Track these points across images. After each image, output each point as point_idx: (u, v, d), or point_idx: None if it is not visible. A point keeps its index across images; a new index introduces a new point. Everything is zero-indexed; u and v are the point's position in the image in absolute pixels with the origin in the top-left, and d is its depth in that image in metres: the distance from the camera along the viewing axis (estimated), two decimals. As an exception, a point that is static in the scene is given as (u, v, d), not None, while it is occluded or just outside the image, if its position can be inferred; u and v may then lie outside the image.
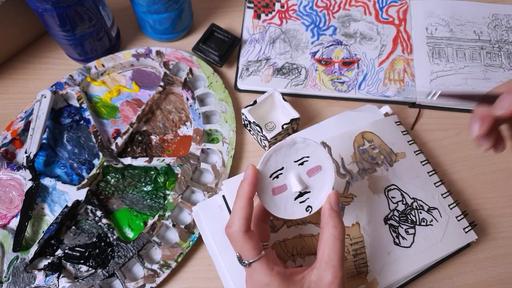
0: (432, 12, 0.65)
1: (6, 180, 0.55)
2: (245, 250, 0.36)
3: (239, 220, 0.36)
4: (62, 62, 0.64)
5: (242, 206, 0.36)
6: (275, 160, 0.38)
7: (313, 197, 0.39)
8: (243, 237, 0.36)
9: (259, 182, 0.37)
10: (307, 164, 0.39)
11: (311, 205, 0.39)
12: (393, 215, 0.48)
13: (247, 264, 0.36)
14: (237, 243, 0.36)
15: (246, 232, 0.36)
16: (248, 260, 0.36)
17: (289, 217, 0.39)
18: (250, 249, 0.36)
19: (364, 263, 0.46)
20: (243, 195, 0.36)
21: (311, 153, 0.39)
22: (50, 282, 0.49)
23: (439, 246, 0.47)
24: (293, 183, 0.39)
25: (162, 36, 0.63)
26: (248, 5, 0.67)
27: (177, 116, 0.59)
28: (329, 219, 0.37)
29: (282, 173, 0.39)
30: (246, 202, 0.36)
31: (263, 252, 0.36)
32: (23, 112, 0.58)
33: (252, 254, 0.36)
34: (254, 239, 0.36)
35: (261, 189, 0.38)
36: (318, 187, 0.39)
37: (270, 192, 0.38)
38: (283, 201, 0.39)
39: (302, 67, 0.61)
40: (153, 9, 0.58)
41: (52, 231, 0.51)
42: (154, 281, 0.48)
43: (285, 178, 0.39)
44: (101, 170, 0.55)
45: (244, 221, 0.36)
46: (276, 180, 0.38)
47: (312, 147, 0.39)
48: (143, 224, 0.53)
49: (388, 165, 0.51)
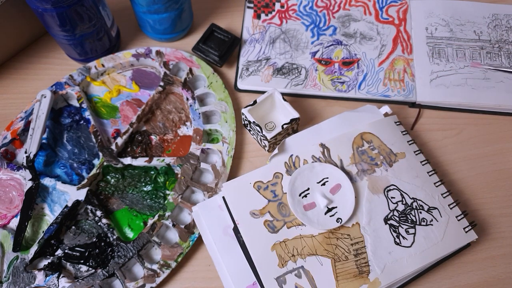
0: (432, 12, 0.65)
1: (6, 180, 0.55)
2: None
3: None
4: (62, 62, 0.64)
5: None
6: (300, 181, 0.48)
7: (340, 210, 0.47)
8: None
9: (291, 200, 0.47)
10: (328, 184, 0.48)
11: (341, 217, 0.47)
12: (393, 215, 0.48)
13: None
14: None
15: None
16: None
17: (323, 228, 0.46)
18: None
19: (365, 263, 0.46)
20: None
21: (329, 174, 0.49)
22: (50, 282, 0.49)
23: (439, 246, 0.47)
24: (320, 200, 0.47)
25: (162, 36, 0.63)
26: (248, 5, 0.67)
27: (177, 116, 0.59)
28: None
29: (309, 193, 0.48)
30: None
31: None
32: (23, 112, 0.58)
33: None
34: None
35: (293, 206, 0.47)
36: (343, 201, 0.47)
37: (302, 209, 0.47)
38: (315, 216, 0.47)
39: (302, 67, 0.61)
40: (153, 9, 0.57)
41: (52, 231, 0.51)
42: (154, 281, 0.48)
43: (313, 197, 0.48)
44: (101, 170, 0.55)
45: None
46: (305, 199, 0.47)
47: (329, 169, 0.49)
48: (143, 224, 0.53)
49: (387, 165, 0.51)
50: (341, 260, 0.46)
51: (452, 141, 0.58)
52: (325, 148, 0.51)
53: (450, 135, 0.58)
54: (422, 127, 0.59)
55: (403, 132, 0.54)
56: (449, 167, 0.56)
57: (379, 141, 0.53)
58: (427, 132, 0.58)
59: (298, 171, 0.48)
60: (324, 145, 0.52)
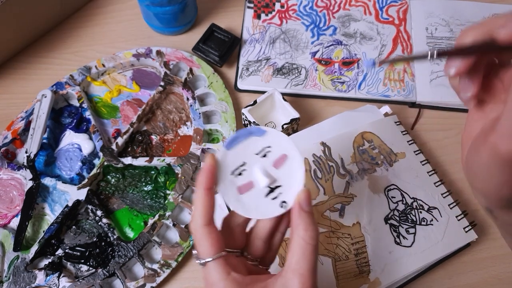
0: (432, 12, 0.65)
1: (6, 180, 0.55)
2: (202, 246, 0.32)
3: (198, 212, 0.32)
4: (62, 62, 0.64)
5: (199, 197, 0.32)
6: (234, 154, 0.34)
7: (286, 191, 0.34)
8: (201, 231, 0.32)
9: (220, 181, 0.33)
10: (270, 155, 0.34)
11: (286, 200, 0.34)
12: (394, 214, 0.49)
13: (203, 263, 0.32)
14: (195, 237, 0.32)
15: (206, 226, 0.32)
16: (204, 259, 0.32)
17: (263, 216, 0.34)
18: (208, 246, 0.31)
19: (366, 263, 0.46)
20: (200, 185, 0.32)
21: (271, 142, 0.34)
22: (51, 282, 0.49)
23: (439, 246, 0.47)
24: (260, 178, 0.34)
25: (165, 29, 0.64)
26: (248, 5, 0.67)
27: (178, 116, 0.59)
28: (299, 221, 0.32)
29: (246, 168, 0.34)
30: (203, 193, 0.32)
31: (223, 253, 0.32)
32: (23, 112, 0.58)
33: (209, 251, 0.31)
34: (214, 235, 0.32)
35: (224, 189, 0.34)
36: (289, 178, 0.34)
37: (235, 192, 0.34)
38: (253, 200, 0.34)
39: (302, 67, 0.61)
40: (156, 2, 0.58)
41: (52, 231, 0.51)
42: (155, 281, 0.48)
43: (250, 174, 0.34)
44: (101, 170, 0.55)
45: (202, 212, 0.32)
46: (240, 178, 0.34)
47: (270, 135, 0.34)
48: (143, 223, 0.53)
49: (388, 165, 0.51)
50: (342, 259, 0.46)
51: (452, 141, 0.58)
52: (326, 146, 0.52)
53: (450, 135, 0.58)
54: (422, 127, 0.59)
55: (403, 132, 0.54)
56: (449, 167, 0.56)
57: (380, 141, 0.53)
58: (427, 132, 0.59)
59: (230, 139, 0.34)
60: (325, 144, 0.52)
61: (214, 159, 0.33)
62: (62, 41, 0.66)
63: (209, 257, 0.31)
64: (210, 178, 0.32)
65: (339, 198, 0.49)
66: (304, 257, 0.31)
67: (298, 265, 0.31)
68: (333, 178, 0.50)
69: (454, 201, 0.50)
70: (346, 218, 0.48)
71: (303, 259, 0.31)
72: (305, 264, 0.31)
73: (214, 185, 0.33)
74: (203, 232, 0.32)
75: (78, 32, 0.66)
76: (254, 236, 0.36)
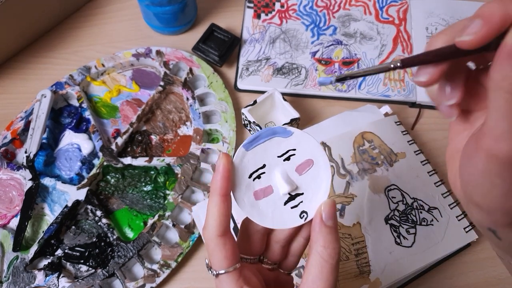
0: (432, 12, 0.65)
1: (6, 180, 0.55)
2: (216, 258, 0.29)
3: (212, 221, 0.29)
4: (62, 62, 0.64)
5: (214, 204, 0.29)
6: (253, 155, 0.30)
7: (308, 200, 0.31)
8: (216, 241, 0.29)
9: (236, 184, 0.30)
10: (294, 159, 0.31)
11: (306, 211, 0.31)
12: (394, 215, 0.48)
13: (215, 275, 0.30)
14: (208, 247, 0.30)
15: (221, 237, 0.29)
16: (217, 271, 0.29)
17: (280, 226, 0.31)
18: (221, 258, 0.29)
19: (366, 263, 0.46)
20: (215, 190, 0.29)
21: (296, 145, 0.31)
22: (50, 282, 0.48)
23: (440, 246, 0.47)
24: (280, 183, 0.30)
25: (165, 29, 0.64)
26: (248, 5, 0.67)
27: (177, 116, 0.59)
28: (318, 236, 0.29)
29: (265, 171, 0.31)
30: (219, 199, 0.29)
31: (237, 265, 0.29)
32: (23, 112, 0.58)
33: (222, 264, 0.29)
34: (229, 246, 0.29)
35: (239, 193, 0.30)
36: (313, 187, 0.31)
37: (251, 197, 0.30)
38: (270, 206, 0.31)
39: (302, 67, 0.61)
40: (156, 1, 0.58)
41: (52, 231, 0.51)
42: (154, 281, 0.48)
43: (269, 178, 0.31)
44: (101, 170, 0.55)
45: (218, 221, 0.29)
46: (258, 181, 0.31)
47: (296, 137, 0.31)
48: (143, 224, 0.53)
49: (388, 165, 0.51)
50: (342, 260, 0.46)
51: (452, 141, 0.58)
52: (326, 146, 0.51)
53: (450, 135, 0.58)
54: (422, 127, 0.59)
55: (403, 132, 0.54)
56: (449, 167, 0.56)
57: (380, 141, 0.53)
58: (427, 132, 0.58)
59: (250, 139, 0.31)
60: (325, 144, 0.52)
61: (229, 159, 0.29)
62: (61, 41, 0.66)
63: (222, 270, 0.29)
64: (227, 183, 0.29)
65: (339, 198, 0.49)
66: (322, 276, 0.29)
67: (315, 284, 0.29)
68: (333, 178, 0.50)
69: (454, 201, 0.50)
70: (346, 218, 0.48)
71: (320, 279, 0.29)
72: (322, 284, 0.29)
73: (231, 190, 0.30)
74: (217, 242, 0.29)
75: (78, 32, 0.66)
76: (272, 239, 0.33)
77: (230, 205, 0.30)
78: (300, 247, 0.34)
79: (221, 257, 0.29)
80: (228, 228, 0.30)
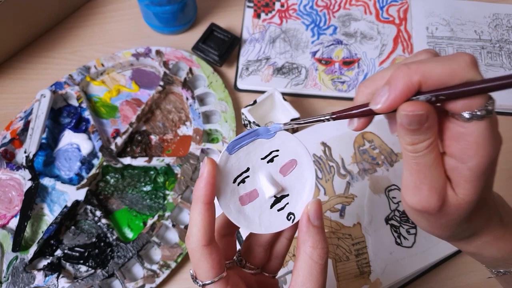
0: (433, 12, 0.65)
1: (5, 180, 0.55)
2: (201, 268, 0.28)
3: (197, 230, 0.28)
4: (61, 62, 0.64)
5: (198, 213, 0.28)
6: (236, 159, 0.29)
7: (294, 201, 0.30)
8: (201, 252, 0.28)
9: (221, 190, 0.29)
10: (278, 160, 0.30)
11: (293, 212, 0.30)
12: (394, 215, 0.48)
13: (201, 285, 0.29)
14: (193, 258, 0.28)
15: (207, 246, 0.28)
16: (203, 281, 0.28)
17: (268, 230, 0.30)
18: (208, 268, 0.28)
19: (366, 263, 0.46)
20: (199, 198, 0.28)
21: (280, 145, 0.30)
22: (50, 282, 0.48)
23: (440, 246, 0.47)
24: (266, 186, 0.30)
25: (164, 28, 0.64)
26: (248, 5, 0.66)
27: (177, 116, 0.59)
28: (306, 237, 0.28)
29: (249, 175, 0.30)
30: (203, 208, 0.28)
31: (224, 274, 0.28)
32: (22, 112, 0.58)
33: (208, 275, 0.28)
34: (215, 256, 0.28)
35: (224, 199, 0.29)
36: (298, 187, 0.31)
37: (237, 202, 0.30)
38: (256, 211, 0.30)
39: (302, 67, 0.61)
40: (156, 1, 0.58)
41: (51, 231, 0.51)
42: (154, 282, 0.48)
43: (254, 182, 0.30)
44: (100, 170, 0.55)
45: (202, 231, 0.28)
46: (243, 186, 0.30)
47: (279, 138, 0.30)
48: (142, 224, 0.53)
49: (388, 165, 0.51)
50: (342, 260, 0.46)
51: (452, 141, 0.58)
52: (326, 146, 0.51)
53: (451, 135, 0.58)
54: (422, 127, 0.59)
55: (403, 131, 0.54)
56: (450, 167, 0.56)
57: (380, 141, 0.52)
58: (427, 132, 0.58)
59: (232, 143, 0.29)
60: (325, 144, 0.51)
61: (214, 165, 0.28)
62: (61, 41, 0.65)
63: (209, 280, 0.28)
64: (211, 190, 0.28)
65: (340, 198, 0.49)
66: (311, 278, 0.28)
67: (305, 286, 0.28)
68: (334, 179, 0.50)
69: (455, 201, 0.50)
70: (346, 219, 0.48)
71: (309, 280, 0.28)
72: (312, 285, 0.28)
73: (215, 197, 0.29)
74: (203, 253, 0.28)
75: (77, 32, 0.66)
76: (254, 242, 0.33)
77: (214, 213, 0.29)
78: (283, 248, 0.33)
79: (207, 268, 0.28)
80: (213, 237, 0.29)
